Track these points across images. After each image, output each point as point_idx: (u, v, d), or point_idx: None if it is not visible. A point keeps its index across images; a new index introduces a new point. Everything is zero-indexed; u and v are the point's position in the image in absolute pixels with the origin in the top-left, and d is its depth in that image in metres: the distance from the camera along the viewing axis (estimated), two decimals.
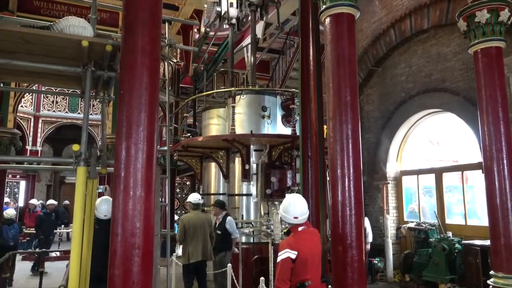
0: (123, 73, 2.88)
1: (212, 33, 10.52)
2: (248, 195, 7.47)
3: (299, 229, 3.28)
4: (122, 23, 3.04)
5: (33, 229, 11.21)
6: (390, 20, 9.41)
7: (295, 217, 3.30)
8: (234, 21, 8.85)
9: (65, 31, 2.95)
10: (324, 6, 3.82)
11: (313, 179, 5.29)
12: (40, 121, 15.50)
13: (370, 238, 8.21)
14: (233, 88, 7.61)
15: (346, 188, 3.41)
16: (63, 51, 3.06)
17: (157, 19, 3.04)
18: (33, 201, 13.61)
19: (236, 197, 7.61)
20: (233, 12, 8.77)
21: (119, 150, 2.70)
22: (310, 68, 5.39)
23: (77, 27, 2.98)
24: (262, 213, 7.25)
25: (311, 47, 5.35)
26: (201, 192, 8.69)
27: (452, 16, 7.55)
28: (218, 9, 9.03)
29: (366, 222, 7.63)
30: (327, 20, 3.79)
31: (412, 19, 8.78)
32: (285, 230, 3.44)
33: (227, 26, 9.43)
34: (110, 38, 3.16)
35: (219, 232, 6.38)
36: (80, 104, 15.71)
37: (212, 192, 8.27)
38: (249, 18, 8.52)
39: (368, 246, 8.06)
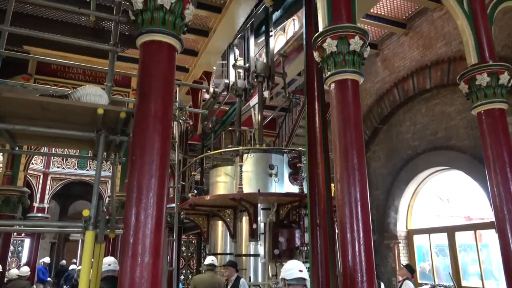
0: (135, 139, 2.97)
1: (220, 99, 10.89)
2: (256, 255, 7.29)
3: None
4: (137, 90, 3.19)
5: None
6: (393, 80, 9.71)
7: (300, 270, 3.47)
8: (241, 92, 9.12)
9: (82, 99, 3.09)
10: (328, 73, 3.99)
11: (322, 238, 5.19)
12: (49, 178, 15.68)
13: None
14: (240, 148, 7.72)
15: (357, 253, 3.34)
16: (79, 117, 3.18)
17: (170, 87, 3.19)
18: None
19: (244, 257, 7.42)
20: (241, 83, 9.07)
21: (129, 216, 2.72)
22: (316, 128, 5.49)
23: (94, 95, 3.12)
24: (270, 274, 7.02)
25: (316, 108, 5.49)
26: (207, 252, 8.51)
27: (453, 76, 7.79)
28: (226, 81, 9.38)
29: None
30: (332, 85, 3.94)
31: (414, 79, 9.06)
32: None
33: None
34: (124, 105, 3.30)
35: None
36: (89, 162, 15.93)
37: (219, 251, 8.08)
38: (257, 89, 8.82)
39: None
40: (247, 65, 8.84)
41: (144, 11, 3.18)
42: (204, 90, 10.83)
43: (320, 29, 4.14)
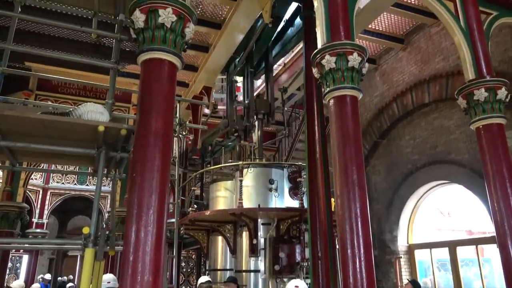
0: (136, 156, 2.98)
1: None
2: (256, 271, 7.22)
3: None
4: (137, 108, 3.21)
5: None
6: (391, 94, 9.76)
7: (296, 286, 3.97)
8: (241, 132, 9.10)
9: (83, 117, 3.11)
10: (327, 89, 4.03)
11: (323, 254, 5.17)
12: (49, 193, 15.60)
13: None
14: (240, 162, 7.72)
15: (358, 269, 3.31)
16: (80, 135, 3.21)
17: (171, 105, 3.22)
18: None
19: (244, 273, 7.36)
20: (240, 123, 9.05)
21: (129, 233, 2.71)
22: (316, 143, 5.53)
23: (95, 113, 3.14)
24: None
25: (316, 124, 5.54)
26: (207, 267, 8.44)
27: (451, 91, 7.84)
28: (225, 120, 9.40)
29: None
30: (331, 101, 3.97)
31: (413, 93, 9.11)
32: None
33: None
34: (125, 121, 3.32)
35: None
36: (89, 177, 15.89)
37: (219, 267, 8.01)
38: (256, 126, 8.81)
39: None
40: (246, 102, 8.91)
41: (145, 29, 3.23)
42: (205, 105, 10.88)
43: (319, 46, 4.19)
